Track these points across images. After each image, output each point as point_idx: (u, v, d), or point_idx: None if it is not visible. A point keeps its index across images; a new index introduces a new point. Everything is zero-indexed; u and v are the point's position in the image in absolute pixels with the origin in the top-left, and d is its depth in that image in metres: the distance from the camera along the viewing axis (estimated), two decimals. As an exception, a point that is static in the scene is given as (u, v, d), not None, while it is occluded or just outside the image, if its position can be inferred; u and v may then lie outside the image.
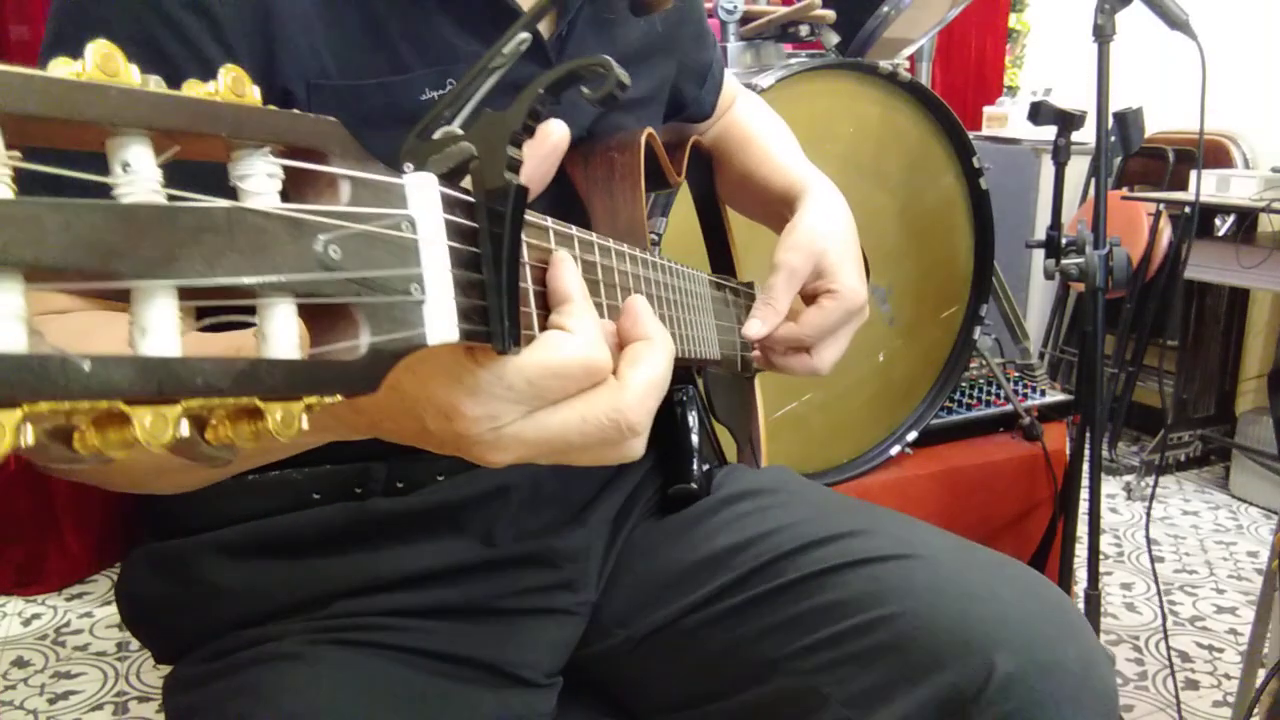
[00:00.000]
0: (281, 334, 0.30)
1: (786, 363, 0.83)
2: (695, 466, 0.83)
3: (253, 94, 0.30)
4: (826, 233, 0.82)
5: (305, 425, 0.29)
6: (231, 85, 0.29)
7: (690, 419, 0.84)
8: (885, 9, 1.72)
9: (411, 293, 0.33)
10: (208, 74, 0.56)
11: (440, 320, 0.34)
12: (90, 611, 2.24)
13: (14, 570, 2.28)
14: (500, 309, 0.38)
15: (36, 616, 2.21)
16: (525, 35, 0.42)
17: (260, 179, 0.30)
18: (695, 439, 0.84)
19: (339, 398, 0.30)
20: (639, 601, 0.78)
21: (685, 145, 0.91)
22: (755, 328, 0.78)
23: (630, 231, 0.70)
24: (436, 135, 0.39)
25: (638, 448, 0.45)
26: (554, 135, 0.46)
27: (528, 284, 0.43)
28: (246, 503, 0.69)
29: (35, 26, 2.10)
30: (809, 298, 0.82)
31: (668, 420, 0.84)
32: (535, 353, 0.41)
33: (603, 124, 0.77)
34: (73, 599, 2.29)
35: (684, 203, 0.91)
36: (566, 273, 0.45)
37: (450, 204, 0.36)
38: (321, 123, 0.32)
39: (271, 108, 0.30)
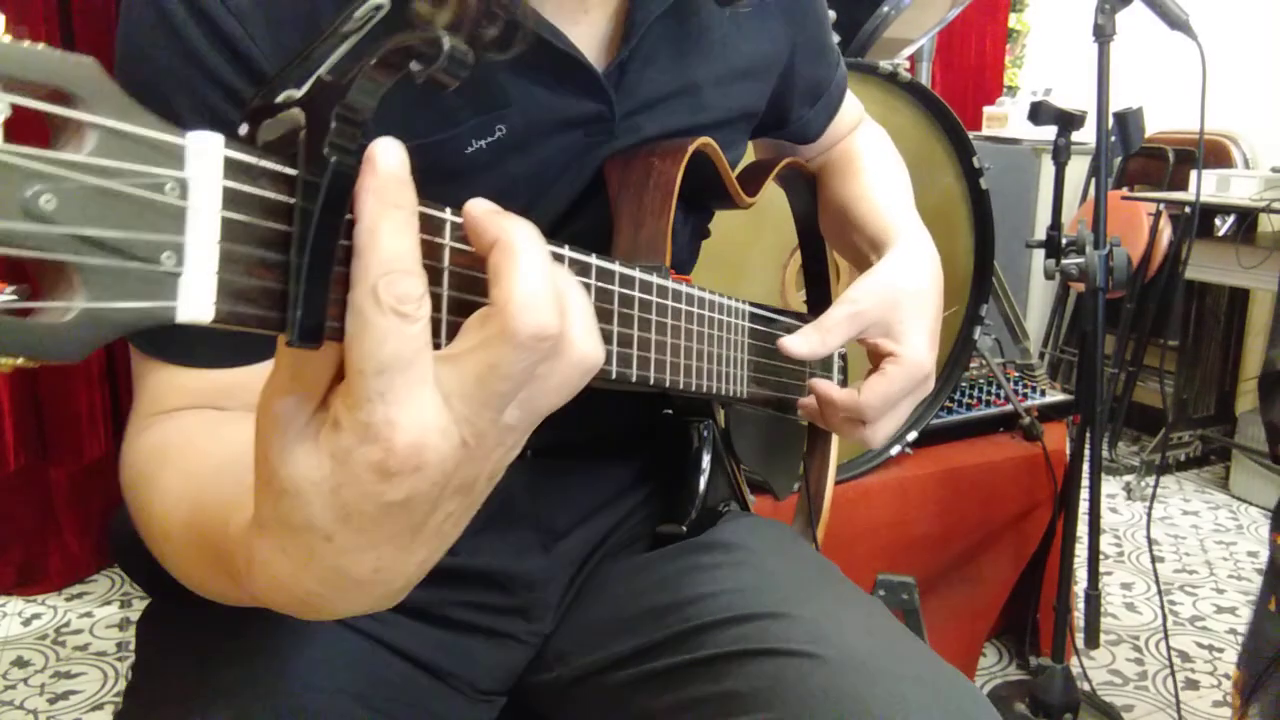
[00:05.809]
0: None
1: (839, 427, 0.78)
2: (693, 509, 0.78)
3: None
4: (906, 289, 0.77)
5: None
6: None
7: (703, 457, 0.79)
8: (885, 9, 1.72)
9: (162, 262, 0.31)
10: None
11: (196, 296, 0.32)
12: (90, 611, 2.24)
13: (14, 570, 2.29)
14: (296, 295, 0.35)
15: (36, 616, 2.21)
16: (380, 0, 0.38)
17: None
18: (703, 480, 0.78)
19: (21, 360, 0.29)
20: (579, 642, 0.75)
21: (775, 164, 0.85)
22: (794, 344, 0.71)
23: (650, 245, 0.67)
24: (279, 98, 0.37)
25: (579, 353, 0.39)
26: (377, 159, 0.36)
27: (442, 289, 0.39)
28: None
29: (35, 26, 2.10)
30: (873, 359, 0.77)
31: (676, 453, 0.80)
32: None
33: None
34: (73, 599, 2.29)
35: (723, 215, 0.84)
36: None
37: (256, 174, 0.34)
38: (71, 62, 0.29)
39: (10, 39, 0.28)
